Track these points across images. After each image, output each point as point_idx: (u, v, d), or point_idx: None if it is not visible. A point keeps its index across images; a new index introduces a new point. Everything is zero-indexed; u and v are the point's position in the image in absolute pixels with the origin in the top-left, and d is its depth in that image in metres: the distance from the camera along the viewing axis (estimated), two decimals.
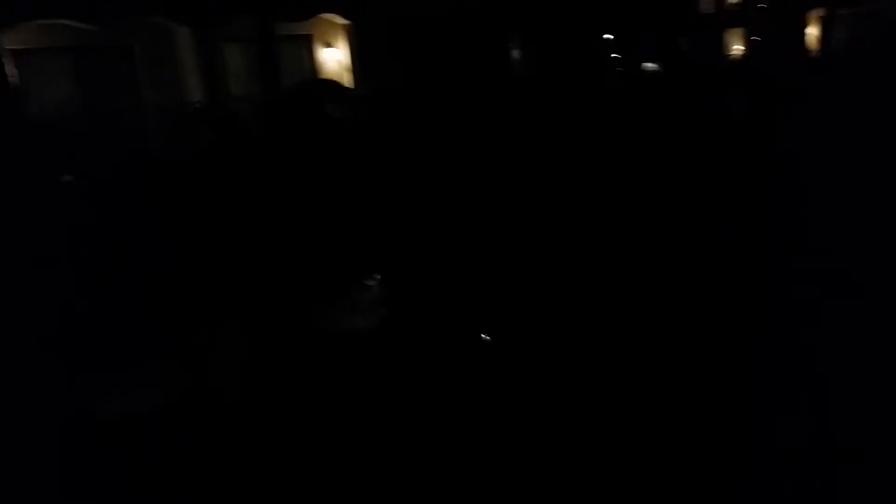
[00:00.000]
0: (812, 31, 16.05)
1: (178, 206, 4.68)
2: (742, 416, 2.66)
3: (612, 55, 17.43)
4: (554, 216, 5.40)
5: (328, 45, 10.12)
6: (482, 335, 3.88)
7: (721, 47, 18.60)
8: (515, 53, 13.83)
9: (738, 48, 18.54)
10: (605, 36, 17.24)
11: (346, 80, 9.65)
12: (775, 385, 2.83)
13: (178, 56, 8.27)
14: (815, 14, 15.66)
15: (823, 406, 2.63)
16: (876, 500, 2.21)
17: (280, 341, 3.89)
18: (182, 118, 6.23)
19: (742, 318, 3.54)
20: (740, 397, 2.78)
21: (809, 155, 6.98)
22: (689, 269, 4.44)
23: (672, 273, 4.41)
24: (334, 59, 10.01)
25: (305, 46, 10.07)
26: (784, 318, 3.47)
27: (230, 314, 4.08)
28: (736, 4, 18.53)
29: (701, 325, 3.53)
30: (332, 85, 6.77)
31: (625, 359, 3.22)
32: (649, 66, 17.21)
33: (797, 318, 3.46)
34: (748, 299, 3.80)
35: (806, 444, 2.42)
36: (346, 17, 10.27)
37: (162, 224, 4.34)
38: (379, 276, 4.52)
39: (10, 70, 6.93)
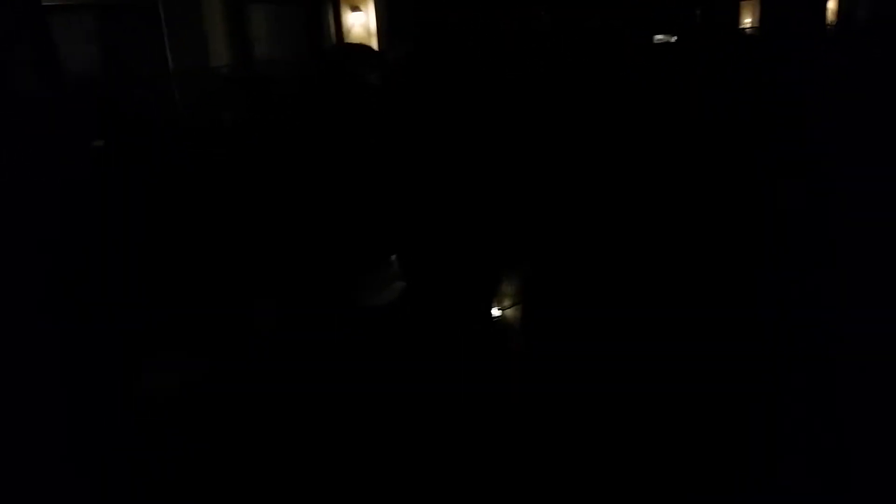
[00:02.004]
0: (831, 4, 15.38)
1: (209, 174, 4.33)
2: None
3: (628, 26, 16.87)
4: (579, 189, 5.09)
5: (355, 7, 9.58)
6: (495, 310, 3.67)
7: (736, 20, 17.95)
8: (541, 18, 13.29)
9: (752, 21, 17.87)
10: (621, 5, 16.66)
11: (374, 45, 9.17)
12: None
13: (202, 17, 7.77)
14: None
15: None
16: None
17: (310, 317, 3.64)
18: (211, 82, 5.82)
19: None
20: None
21: (820, 132, 6.70)
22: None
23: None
24: (360, 22, 9.49)
25: (332, 9, 9.53)
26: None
27: (262, 290, 3.81)
28: None
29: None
30: (367, 50, 6.35)
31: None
32: (662, 37, 16.68)
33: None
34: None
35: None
36: None
37: (194, 194, 4.02)
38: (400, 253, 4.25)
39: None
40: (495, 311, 3.76)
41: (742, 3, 18.10)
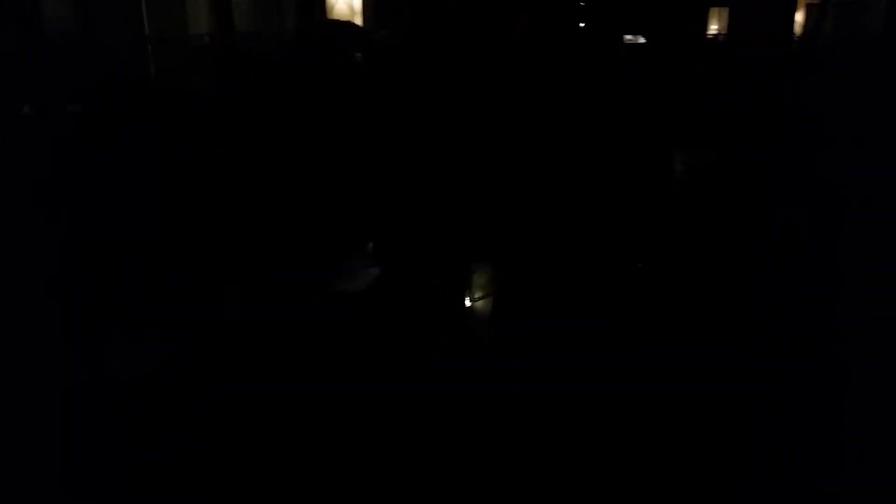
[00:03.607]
0: (799, 18, 15.58)
1: (185, 146, 4.11)
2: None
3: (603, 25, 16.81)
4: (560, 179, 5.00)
5: None
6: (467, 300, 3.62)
7: (707, 26, 18.07)
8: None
9: (722, 28, 18.02)
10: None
11: (358, 23, 8.87)
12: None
13: None
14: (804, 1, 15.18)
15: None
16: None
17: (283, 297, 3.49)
18: (190, 52, 5.52)
19: None
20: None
21: (789, 140, 6.79)
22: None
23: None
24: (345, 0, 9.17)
25: None
26: None
27: (236, 269, 3.63)
28: None
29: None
30: (354, 28, 6.12)
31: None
32: (632, 38, 16.68)
33: None
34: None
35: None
36: None
37: (171, 164, 3.80)
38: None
39: None
40: (467, 301, 3.71)
41: (712, 11, 18.23)
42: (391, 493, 2.11)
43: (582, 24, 16.49)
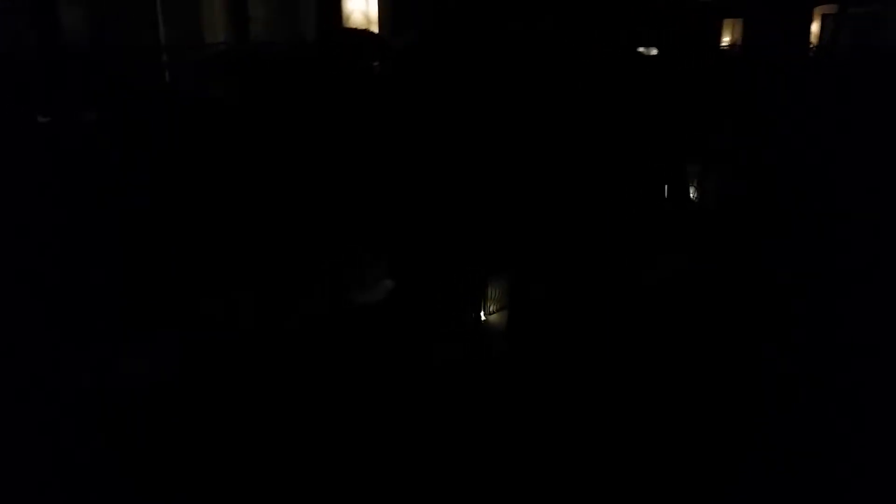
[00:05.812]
0: (815, 28, 15.46)
1: (196, 157, 4.06)
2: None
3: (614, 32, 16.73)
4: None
5: None
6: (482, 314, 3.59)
7: (720, 37, 17.96)
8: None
9: (736, 38, 17.90)
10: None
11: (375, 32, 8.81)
12: None
13: None
14: (820, 10, 15.04)
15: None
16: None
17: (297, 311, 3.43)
18: (207, 59, 5.49)
19: None
20: None
21: (800, 148, 6.72)
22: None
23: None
24: (360, 8, 9.10)
25: None
26: None
27: (247, 276, 3.57)
28: None
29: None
30: (371, 36, 6.07)
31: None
32: (646, 50, 16.53)
33: None
34: None
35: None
36: None
37: (179, 178, 3.76)
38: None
39: None
40: (482, 315, 3.68)
41: (726, 22, 18.13)
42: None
43: (600, 34, 16.25)
